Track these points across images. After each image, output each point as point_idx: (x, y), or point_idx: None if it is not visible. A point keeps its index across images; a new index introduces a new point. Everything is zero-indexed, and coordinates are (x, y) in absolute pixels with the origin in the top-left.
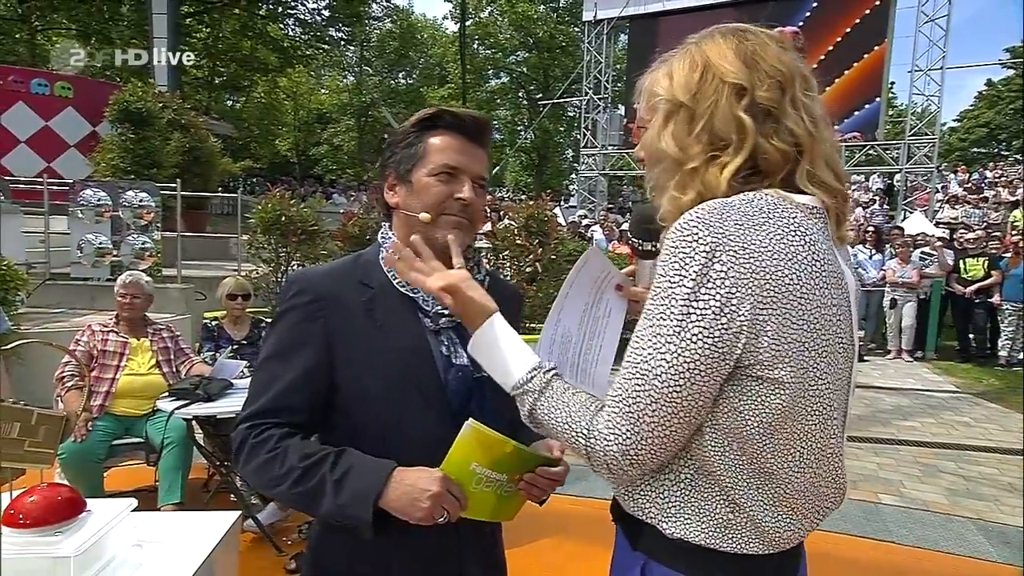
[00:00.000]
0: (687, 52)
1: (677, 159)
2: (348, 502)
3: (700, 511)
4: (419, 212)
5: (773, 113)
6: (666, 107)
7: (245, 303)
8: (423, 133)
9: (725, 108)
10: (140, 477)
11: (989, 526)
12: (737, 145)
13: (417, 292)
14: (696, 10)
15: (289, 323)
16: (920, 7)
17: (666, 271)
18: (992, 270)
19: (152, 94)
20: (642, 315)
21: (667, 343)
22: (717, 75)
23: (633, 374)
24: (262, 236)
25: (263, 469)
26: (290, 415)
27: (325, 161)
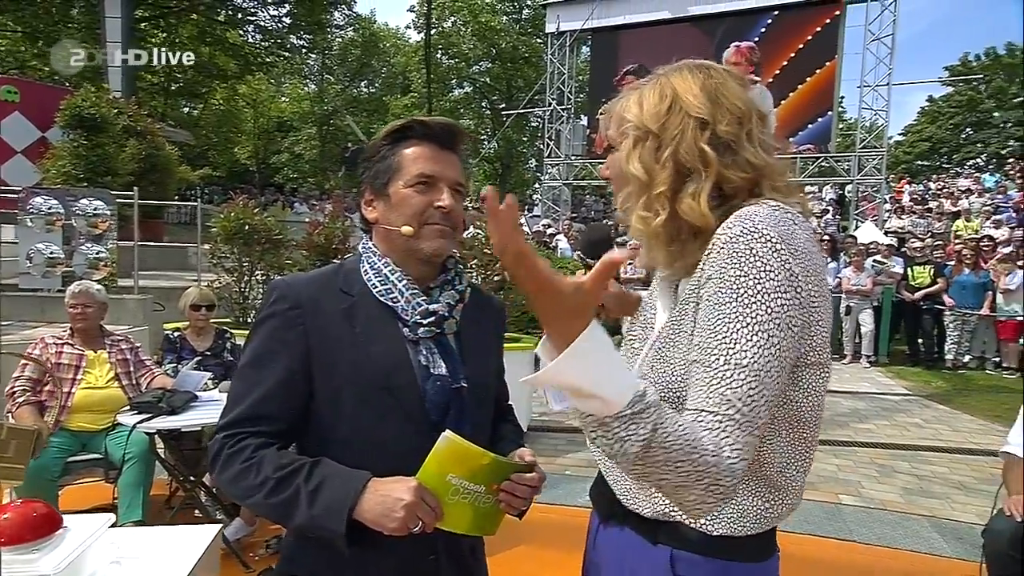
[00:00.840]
0: (657, 83)
1: (644, 182)
2: (322, 513)
3: (740, 506)
4: (400, 226)
5: (732, 147)
6: (635, 133)
7: (209, 314)
8: (395, 145)
9: (690, 139)
10: (97, 495)
11: (942, 523)
12: (703, 173)
13: (396, 302)
14: (656, 24)
15: (268, 330)
16: (867, 26)
17: (746, 271)
18: (938, 277)
19: (106, 99)
20: (716, 316)
21: (769, 339)
22: (683, 108)
23: (742, 378)
24: (225, 245)
25: (238, 479)
26: (268, 423)
27: (286, 170)
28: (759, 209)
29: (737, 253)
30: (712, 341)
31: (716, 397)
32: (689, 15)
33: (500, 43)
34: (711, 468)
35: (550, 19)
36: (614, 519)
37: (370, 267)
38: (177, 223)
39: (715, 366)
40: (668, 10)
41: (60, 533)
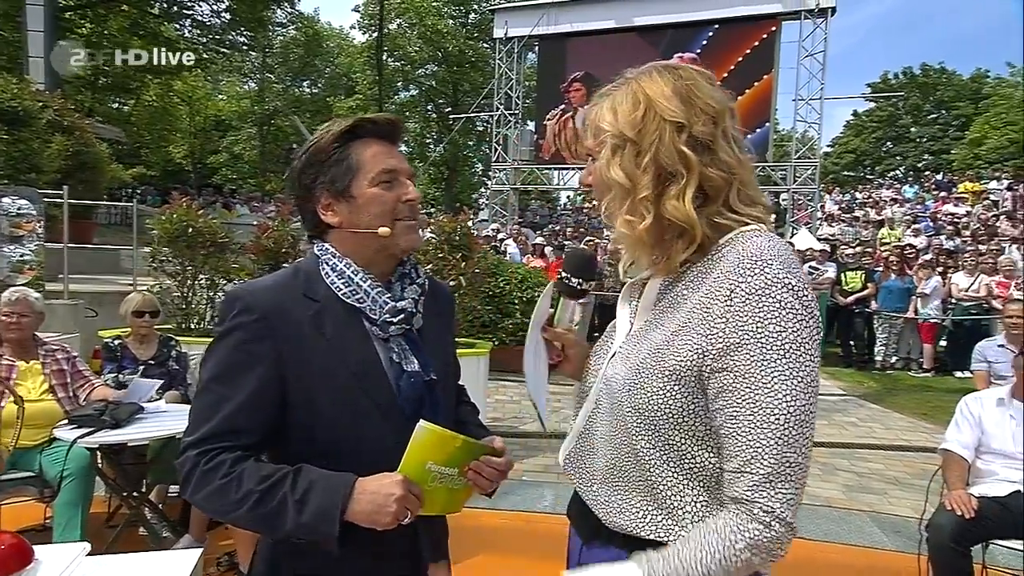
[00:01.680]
0: (629, 89)
1: (626, 188)
2: (313, 520)
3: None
4: (376, 227)
5: (710, 146)
6: (613, 141)
7: (153, 320)
8: (347, 146)
9: (668, 143)
10: (26, 515)
11: (881, 517)
12: (685, 175)
13: (363, 302)
14: (602, 32)
15: (235, 342)
16: (800, 42)
17: (782, 322)
18: (868, 282)
19: (28, 92)
20: (765, 374)
21: (799, 395)
22: (658, 113)
23: (791, 431)
24: (166, 248)
25: (217, 495)
26: (240, 437)
27: (224, 170)
28: (766, 245)
29: (773, 308)
30: (765, 399)
31: (772, 456)
32: (634, 25)
33: (447, 46)
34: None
35: (498, 24)
36: (598, 539)
37: (331, 270)
38: (107, 224)
39: (774, 426)
40: (614, 20)
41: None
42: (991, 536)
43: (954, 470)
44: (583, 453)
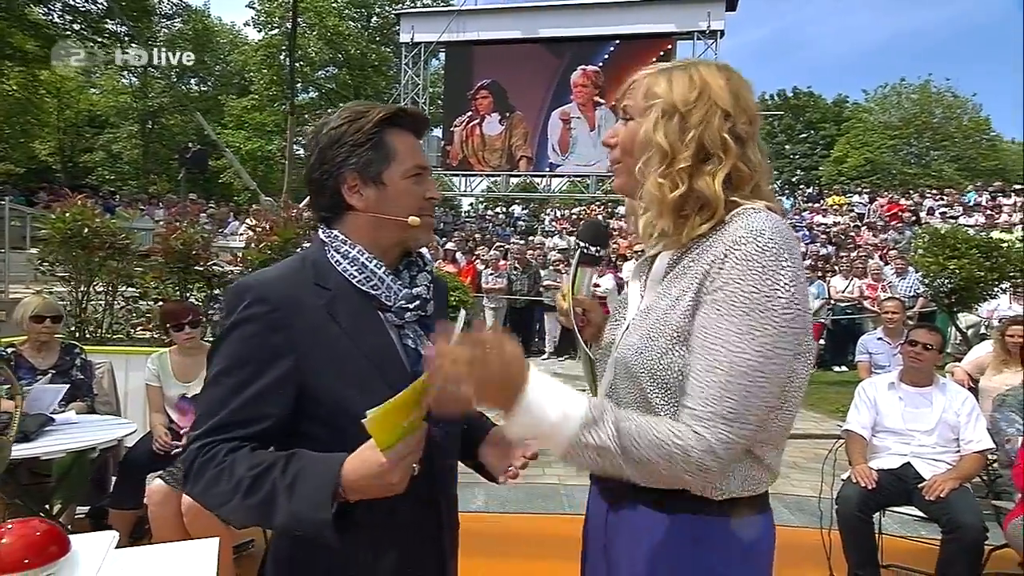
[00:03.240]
0: (686, 70)
1: (667, 153)
2: (302, 505)
3: (734, 472)
4: (404, 216)
5: (745, 141)
6: (664, 108)
7: (54, 326)
8: (384, 132)
9: (715, 127)
10: None
11: (786, 498)
12: (722, 158)
13: (377, 289)
14: (508, 42)
15: (247, 333)
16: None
17: (759, 284)
18: None
19: None
20: (728, 325)
21: (775, 348)
22: (712, 98)
23: (741, 382)
24: (59, 250)
25: (210, 486)
26: (245, 428)
27: (101, 170)
28: (765, 220)
29: (752, 270)
30: (719, 348)
31: (715, 397)
32: (540, 36)
33: (348, 49)
34: (679, 453)
35: (404, 29)
36: (626, 500)
37: (343, 257)
38: None
39: (718, 372)
40: (520, 30)
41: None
42: (888, 504)
43: (856, 448)
44: None
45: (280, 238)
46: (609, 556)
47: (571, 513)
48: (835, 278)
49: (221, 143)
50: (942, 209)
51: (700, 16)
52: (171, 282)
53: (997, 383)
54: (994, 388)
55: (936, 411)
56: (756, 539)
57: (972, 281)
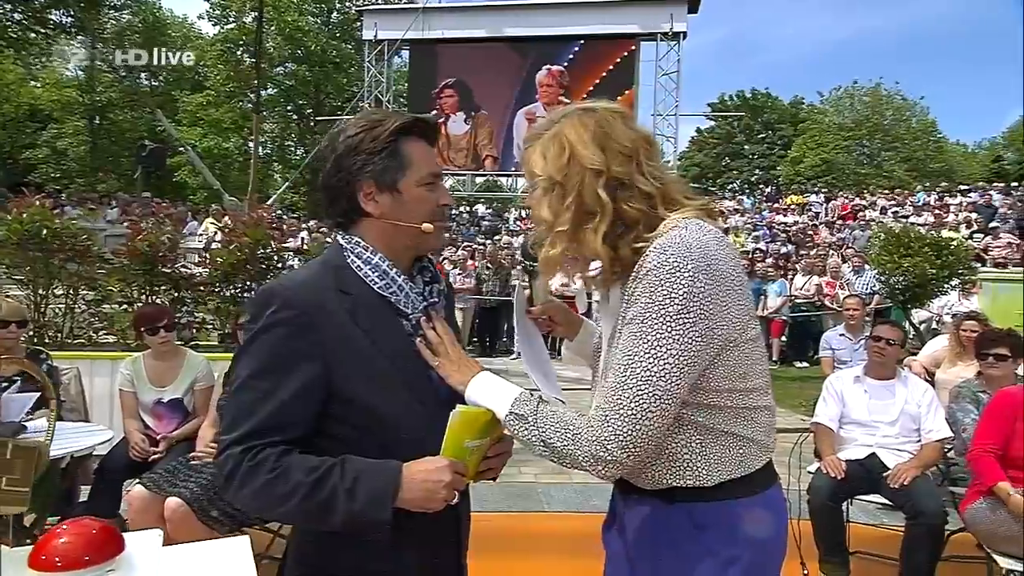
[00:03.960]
0: (555, 136)
1: (550, 223)
2: (365, 507)
3: (713, 458)
4: (419, 223)
5: (626, 183)
6: (543, 184)
7: (19, 331)
8: (400, 141)
9: (589, 187)
10: None
11: None
12: (601, 215)
13: (396, 295)
14: (473, 41)
15: (277, 338)
16: (657, 61)
17: (654, 296)
18: None
19: None
20: (628, 333)
21: (668, 351)
22: (579, 161)
23: (634, 384)
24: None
25: (265, 490)
26: (284, 433)
27: (44, 167)
28: (678, 235)
29: (650, 284)
30: (621, 356)
31: (612, 398)
32: (505, 35)
33: (308, 45)
34: (581, 449)
35: (367, 26)
36: (634, 492)
37: (364, 263)
38: None
39: (619, 375)
40: (485, 29)
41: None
42: (856, 492)
43: (825, 440)
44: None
45: (251, 238)
46: (624, 549)
47: (549, 511)
48: (797, 277)
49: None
50: (894, 209)
51: (663, 17)
52: (136, 285)
53: (952, 375)
54: (949, 380)
55: (899, 403)
56: (757, 516)
57: (924, 278)
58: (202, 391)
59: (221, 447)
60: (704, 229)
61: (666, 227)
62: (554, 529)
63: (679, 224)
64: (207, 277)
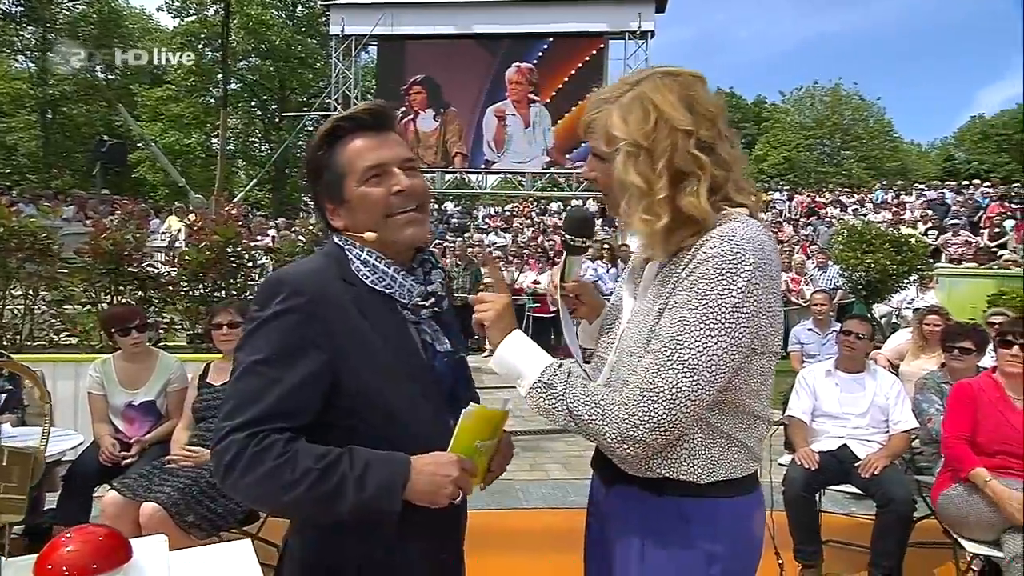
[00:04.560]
0: (637, 99)
1: (644, 190)
2: (374, 496)
3: (718, 459)
4: (363, 232)
5: (713, 147)
6: (628, 149)
7: None
8: (332, 149)
9: (682, 149)
10: None
11: None
12: (700, 175)
13: (391, 288)
14: (441, 37)
15: (286, 325)
16: (626, 60)
17: (714, 283)
18: None
19: None
20: (678, 316)
21: (719, 342)
22: (669, 123)
23: (679, 368)
24: None
25: (271, 476)
26: (291, 419)
27: None
28: (738, 227)
29: (710, 271)
30: (668, 338)
31: (652, 379)
32: (474, 32)
33: (272, 39)
34: (609, 425)
35: (334, 21)
36: (621, 481)
37: (355, 258)
38: None
39: (663, 356)
40: (454, 25)
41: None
42: (829, 483)
43: (798, 432)
44: None
45: (220, 237)
46: (606, 537)
47: (527, 508)
48: None
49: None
50: (854, 206)
51: (631, 16)
52: (100, 285)
53: (915, 368)
54: (913, 372)
55: (868, 395)
56: (741, 517)
57: (885, 274)
58: (175, 393)
59: (220, 434)
60: (760, 228)
61: (724, 218)
62: (532, 525)
63: (736, 217)
64: (175, 276)
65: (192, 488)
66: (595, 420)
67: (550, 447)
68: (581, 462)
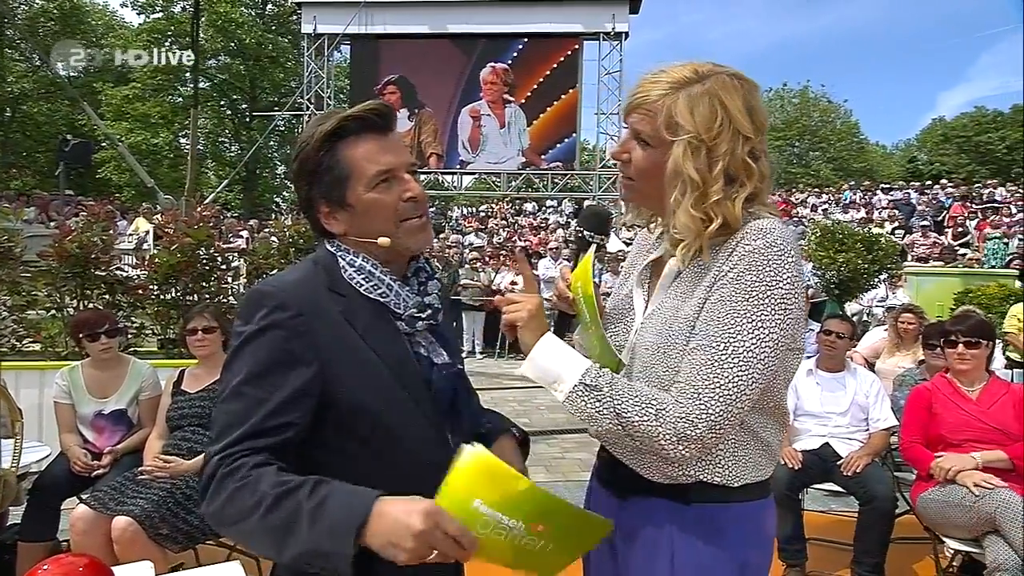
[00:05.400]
0: (707, 94)
1: (697, 186)
2: (325, 534)
3: (750, 462)
4: (376, 237)
5: (759, 157)
6: (692, 141)
7: None
8: (334, 150)
9: (739, 154)
10: None
11: None
12: (745, 183)
13: (386, 297)
14: (416, 37)
15: (271, 341)
16: (600, 61)
17: (761, 275)
18: None
19: None
20: (728, 309)
21: (770, 333)
22: (734, 126)
23: (735, 363)
24: None
25: (231, 501)
26: (272, 436)
27: None
28: (773, 224)
29: (755, 263)
30: (718, 332)
31: (707, 374)
32: (448, 32)
33: (242, 38)
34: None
35: (306, 19)
36: (637, 493)
37: (349, 265)
38: None
39: (716, 350)
40: (428, 25)
41: None
42: (812, 481)
43: None
44: None
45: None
46: (617, 550)
47: None
48: None
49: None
50: (824, 207)
51: (605, 17)
52: (66, 289)
53: (891, 365)
54: (889, 370)
55: (849, 394)
56: (766, 518)
57: (857, 272)
58: (148, 401)
59: (206, 460)
60: (785, 225)
61: (750, 218)
62: None
63: (763, 216)
64: (145, 280)
65: (167, 500)
66: (647, 421)
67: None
68: (562, 464)
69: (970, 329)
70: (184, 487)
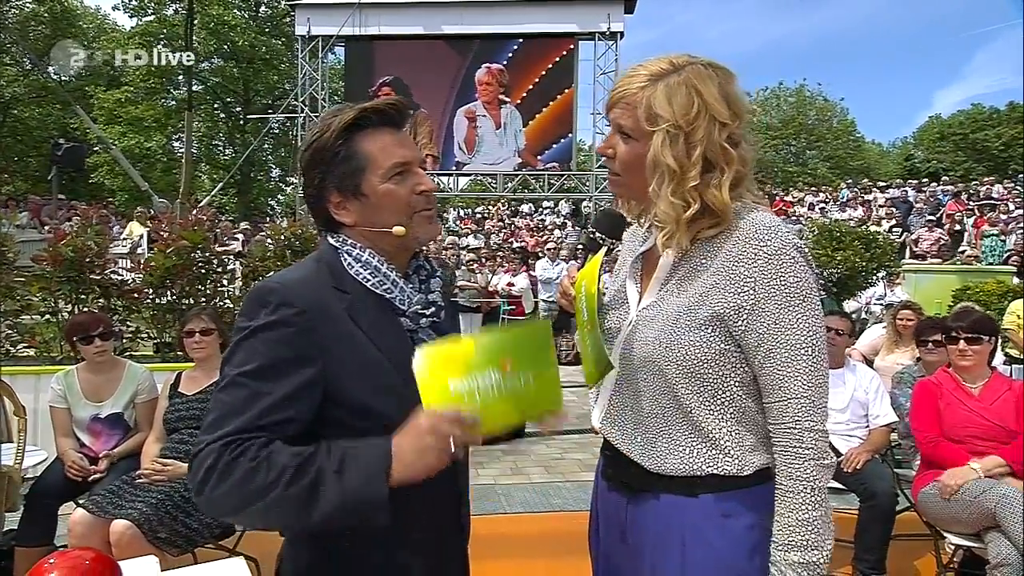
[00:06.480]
0: (683, 84)
1: (676, 173)
2: (357, 485)
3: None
4: (392, 226)
5: (738, 142)
6: (670, 131)
7: None
8: (352, 140)
9: (716, 140)
10: None
11: None
12: (725, 169)
13: (391, 293)
14: (410, 38)
15: (275, 337)
16: (596, 61)
17: (796, 274)
18: None
19: None
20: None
21: (818, 331)
22: (710, 113)
23: (807, 369)
24: None
25: (245, 481)
26: (274, 431)
27: None
28: (774, 219)
29: (786, 264)
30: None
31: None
32: (443, 33)
33: (236, 40)
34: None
35: (300, 21)
36: (647, 490)
37: (355, 260)
38: None
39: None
40: (423, 26)
41: None
42: None
43: None
44: (619, 412)
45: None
46: (631, 547)
47: (509, 512)
48: None
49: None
50: (821, 205)
51: (600, 17)
52: (61, 293)
53: (889, 362)
54: (888, 367)
55: (848, 390)
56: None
57: (855, 270)
58: (144, 404)
59: (198, 447)
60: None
61: (744, 209)
62: (515, 529)
63: (757, 208)
64: (140, 283)
65: (165, 503)
66: (814, 474)
67: (530, 449)
68: (562, 464)
69: (971, 325)
70: (182, 490)
